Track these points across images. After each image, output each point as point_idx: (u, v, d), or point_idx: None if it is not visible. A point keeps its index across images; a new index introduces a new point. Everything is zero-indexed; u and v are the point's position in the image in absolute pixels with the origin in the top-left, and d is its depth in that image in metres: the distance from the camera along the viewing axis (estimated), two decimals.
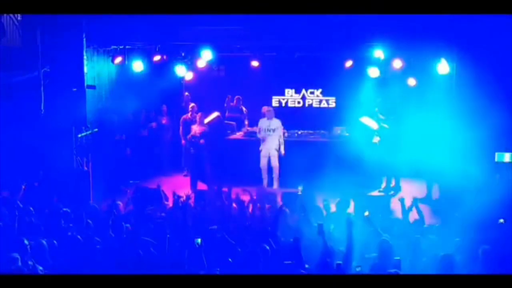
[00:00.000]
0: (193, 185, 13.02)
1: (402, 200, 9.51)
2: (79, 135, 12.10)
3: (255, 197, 10.01)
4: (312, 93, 15.82)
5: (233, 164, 12.82)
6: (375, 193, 12.61)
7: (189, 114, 13.84)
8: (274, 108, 14.41)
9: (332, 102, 15.66)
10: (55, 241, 7.85)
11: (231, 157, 12.87)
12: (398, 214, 10.25)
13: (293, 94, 15.88)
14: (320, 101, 15.76)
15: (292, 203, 9.72)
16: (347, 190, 10.70)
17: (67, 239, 8.13)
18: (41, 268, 7.07)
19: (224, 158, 13.08)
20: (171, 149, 15.18)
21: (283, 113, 14.85)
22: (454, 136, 11.31)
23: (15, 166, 11.54)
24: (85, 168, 12.29)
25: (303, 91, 15.86)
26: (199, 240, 7.11)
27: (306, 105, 15.83)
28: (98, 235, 8.20)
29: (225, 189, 10.25)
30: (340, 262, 7.05)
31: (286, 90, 15.89)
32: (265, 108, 14.28)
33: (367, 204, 10.29)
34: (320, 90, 15.78)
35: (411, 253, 7.59)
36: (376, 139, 13.26)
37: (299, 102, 15.87)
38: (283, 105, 15.81)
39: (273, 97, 15.80)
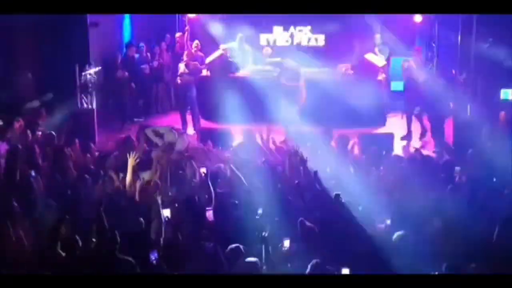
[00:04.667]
0: (197, 123, 13.04)
1: None
2: (83, 73, 12.03)
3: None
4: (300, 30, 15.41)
5: (238, 102, 12.71)
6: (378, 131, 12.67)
7: (193, 51, 13.62)
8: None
9: (321, 40, 15.31)
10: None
11: (236, 94, 12.75)
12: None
13: (281, 32, 15.37)
14: (309, 39, 15.37)
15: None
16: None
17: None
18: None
19: (229, 95, 12.97)
20: (174, 87, 15.10)
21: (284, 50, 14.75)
22: None
23: (17, 105, 11.52)
24: (89, 106, 12.28)
25: (291, 28, 15.39)
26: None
27: (294, 43, 15.50)
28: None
29: (232, 127, 10.25)
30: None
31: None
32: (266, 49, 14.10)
33: (372, 142, 10.41)
34: (309, 27, 15.33)
35: None
36: (381, 76, 13.21)
37: (287, 41, 15.40)
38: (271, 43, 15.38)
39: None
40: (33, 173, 8.15)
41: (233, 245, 6.24)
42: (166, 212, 6.47)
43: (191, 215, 6.92)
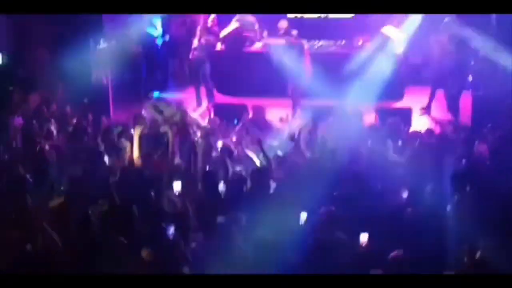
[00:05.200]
0: (211, 98, 12.94)
1: None
2: (97, 47, 11.95)
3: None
4: None
5: (253, 76, 12.58)
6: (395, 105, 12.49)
7: (209, 25, 13.44)
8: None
9: None
10: None
11: (251, 69, 12.62)
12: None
13: None
14: None
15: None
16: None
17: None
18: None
19: (244, 69, 12.85)
20: (188, 62, 14.95)
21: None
22: None
23: (32, 79, 11.49)
24: (104, 81, 12.23)
25: None
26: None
27: (322, 16, 15.20)
28: None
29: (245, 101, 10.21)
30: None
31: None
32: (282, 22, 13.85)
33: (389, 116, 10.27)
34: None
35: None
36: (399, 49, 13.00)
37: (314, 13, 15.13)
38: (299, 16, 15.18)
39: None
40: (47, 148, 8.15)
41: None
42: (177, 185, 6.43)
43: (204, 189, 6.89)
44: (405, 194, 7.32)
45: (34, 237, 6.04)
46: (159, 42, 14.00)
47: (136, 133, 7.56)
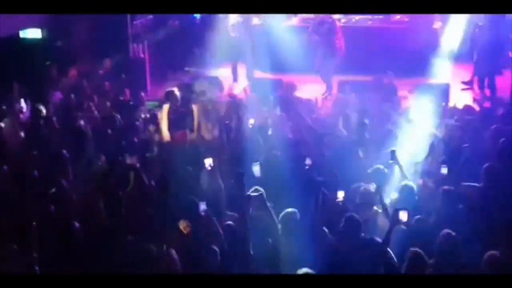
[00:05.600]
0: (249, 72, 12.91)
1: None
2: (134, 22, 12.02)
3: None
4: None
5: (290, 51, 12.51)
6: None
7: None
8: None
9: None
10: None
11: (289, 43, 12.54)
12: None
13: None
14: None
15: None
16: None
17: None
18: None
19: (281, 44, 12.75)
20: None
21: None
22: None
23: (72, 54, 11.62)
24: (141, 55, 12.31)
25: None
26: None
27: None
28: None
29: (281, 77, 10.16)
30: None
31: None
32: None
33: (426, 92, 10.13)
34: None
35: None
36: (437, 24, 12.77)
37: None
38: None
39: None
40: (82, 122, 8.26)
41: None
42: (208, 162, 6.46)
43: (235, 165, 6.90)
44: (445, 170, 7.23)
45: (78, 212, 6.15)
46: (197, 16, 13.98)
47: (164, 109, 7.63)
